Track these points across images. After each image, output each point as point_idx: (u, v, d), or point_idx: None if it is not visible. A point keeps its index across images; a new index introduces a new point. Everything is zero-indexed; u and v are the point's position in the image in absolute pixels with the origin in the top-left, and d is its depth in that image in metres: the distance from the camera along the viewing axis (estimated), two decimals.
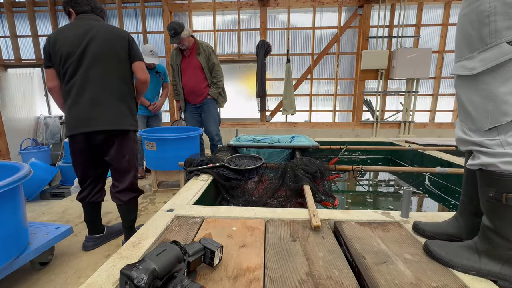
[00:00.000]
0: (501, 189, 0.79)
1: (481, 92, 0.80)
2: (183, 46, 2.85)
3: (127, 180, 1.67)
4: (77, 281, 1.40)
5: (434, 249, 0.96)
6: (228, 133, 4.96)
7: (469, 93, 0.84)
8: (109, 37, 1.53)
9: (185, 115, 3.25)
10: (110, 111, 1.54)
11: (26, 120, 5.20)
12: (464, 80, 0.84)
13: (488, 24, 0.76)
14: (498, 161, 0.78)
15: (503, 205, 0.79)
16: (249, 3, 4.78)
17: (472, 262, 0.88)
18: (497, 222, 0.83)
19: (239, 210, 1.39)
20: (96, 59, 1.50)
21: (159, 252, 0.74)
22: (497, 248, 0.84)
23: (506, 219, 0.81)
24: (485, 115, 0.80)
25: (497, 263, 0.84)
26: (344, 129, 5.10)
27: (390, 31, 4.70)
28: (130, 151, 1.65)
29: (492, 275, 0.85)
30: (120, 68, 1.57)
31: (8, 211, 1.22)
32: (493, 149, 0.80)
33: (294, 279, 0.86)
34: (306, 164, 1.99)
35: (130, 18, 5.13)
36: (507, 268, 0.83)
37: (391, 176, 3.10)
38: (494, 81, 0.78)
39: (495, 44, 0.76)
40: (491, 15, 0.75)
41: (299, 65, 5.05)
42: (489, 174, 0.82)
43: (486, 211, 0.86)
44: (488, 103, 0.79)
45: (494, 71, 0.77)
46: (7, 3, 5.07)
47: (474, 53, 0.81)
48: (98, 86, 1.52)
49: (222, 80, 3.12)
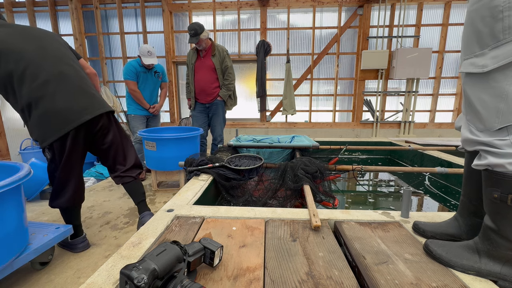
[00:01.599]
0: (507, 190, 0.78)
1: (492, 91, 0.78)
2: (200, 46, 2.96)
3: (132, 156, 1.72)
4: (77, 281, 1.40)
5: (434, 249, 0.96)
6: (228, 133, 4.96)
7: (478, 91, 0.81)
8: None
9: (193, 113, 3.31)
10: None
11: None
12: (474, 78, 0.82)
13: (502, 20, 0.73)
14: (506, 162, 0.77)
15: (507, 206, 0.79)
16: (249, 3, 4.78)
17: (472, 262, 0.87)
18: (500, 223, 0.82)
19: (239, 210, 1.39)
20: (49, 51, 1.57)
21: (159, 252, 0.74)
22: (498, 248, 0.84)
23: (510, 220, 0.80)
24: (495, 114, 0.78)
25: (497, 263, 0.84)
26: (344, 129, 5.10)
27: (390, 31, 4.70)
28: (122, 131, 1.71)
29: (492, 275, 0.85)
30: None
31: (8, 211, 1.22)
32: (502, 150, 0.78)
33: (294, 279, 0.86)
34: (306, 164, 1.99)
35: (130, 18, 5.13)
36: (507, 268, 0.83)
37: (391, 176, 3.10)
38: (507, 79, 0.75)
39: (509, 41, 0.73)
40: (505, 10, 0.72)
41: (299, 65, 5.05)
42: (495, 174, 0.81)
43: (490, 211, 0.85)
44: (499, 102, 0.77)
45: (507, 69, 0.75)
46: (7, 3, 5.07)
47: (485, 50, 0.78)
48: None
49: (234, 83, 3.19)
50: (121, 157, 1.70)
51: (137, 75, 2.99)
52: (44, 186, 3.40)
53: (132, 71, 2.95)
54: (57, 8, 5.12)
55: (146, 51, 2.93)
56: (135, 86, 2.99)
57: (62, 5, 5.08)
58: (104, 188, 2.85)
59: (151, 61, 2.95)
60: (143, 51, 2.93)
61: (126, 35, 5.14)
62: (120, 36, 5.08)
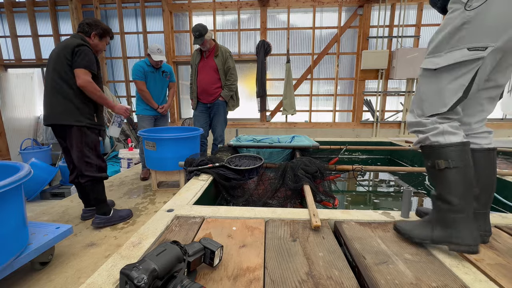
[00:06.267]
0: (435, 157, 0.98)
1: (435, 85, 0.98)
2: (204, 47, 2.99)
3: (80, 166, 1.91)
4: (77, 281, 1.40)
5: (400, 225, 1.13)
6: (228, 133, 4.95)
7: (427, 85, 1.00)
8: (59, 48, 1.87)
9: (194, 113, 3.32)
10: (54, 108, 1.86)
11: (26, 120, 5.20)
12: (427, 74, 1.00)
13: (461, 30, 0.91)
14: (429, 134, 0.98)
15: (437, 170, 0.98)
16: (249, 3, 4.78)
17: (428, 232, 1.03)
18: (437, 187, 1.00)
19: (239, 210, 1.39)
20: (48, 65, 1.88)
21: (159, 252, 0.74)
22: (441, 212, 0.99)
23: (441, 181, 0.98)
24: (430, 103, 0.99)
25: (445, 229, 0.98)
26: (344, 129, 5.10)
27: (390, 31, 4.70)
28: (79, 143, 1.90)
29: (443, 242, 0.98)
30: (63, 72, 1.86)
31: (8, 211, 1.22)
32: (426, 126, 1.00)
33: (294, 279, 0.86)
34: (306, 164, 1.99)
35: (130, 18, 5.13)
36: (452, 231, 0.96)
37: (391, 176, 3.10)
38: (446, 78, 0.95)
39: (459, 48, 0.91)
40: (467, 23, 0.89)
41: (299, 65, 5.05)
42: (426, 148, 1.01)
43: (430, 180, 1.01)
44: (436, 95, 0.97)
45: (450, 70, 0.94)
46: (7, 3, 5.07)
47: (442, 53, 0.95)
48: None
49: (236, 84, 3.21)
50: (75, 163, 1.95)
51: (145, 75, 3.01)
52: (44, 186, 3.40)
53: (140, 71, 2.98)
54: (57, 8, 5.13)
55: (156, 48, 2.96)
56: (143, 85, 3.01)
57: (62, 5, 5.08)
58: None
59: (160, 58, 2.97)
60: (152, 48, 2.96)
61: (126, 35, 5.14)
62: (120, 36, 5.08)
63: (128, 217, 2.13)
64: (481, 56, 0.88)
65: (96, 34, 1.98)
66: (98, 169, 1.97)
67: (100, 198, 1.99)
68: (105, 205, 2.01)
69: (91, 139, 1.94)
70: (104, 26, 2.02)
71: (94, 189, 1.95)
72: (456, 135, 0.95)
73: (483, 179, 1.02)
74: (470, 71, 0.91)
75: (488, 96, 1.02)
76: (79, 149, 1.89)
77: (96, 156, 1.97)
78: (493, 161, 1.04)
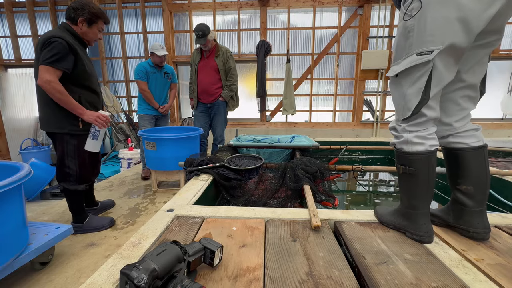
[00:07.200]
0: (399, 162, 1.09)
1: (399, 92, 1.05)
2: (206, 47, 2.99)
3: (57, 173, 1.84)
4: (77, 281, 1.40)
5: (377, 209, 1.30)
6: (228, 133, 4.95)
7: (394, 92, 1.09)
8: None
9: (195, 113, 3.34)
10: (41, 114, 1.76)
11: (26, 120, 5.20)
12: (392, 81, 1.08)
13: (409, 38, 0.97)
14: (397, 141, 1.09)
15: (399, 174, 1.10)
16: (249, 3, 4.78)
17: (393, 219, 1.18)
18: (399, 185, 1.14)
19: (239, 210, 1.39)
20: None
21: (159, 252, 0.74)
22: (402, 206, 1.14)
23: (401, 183, 1.12)
24: (400, 109, 1.06)
25: (404, 219, 1.13)
26: (344, 129, 5.09)
27: (390, 31, 4.70)
28: (60, 151, 1.81)
29: (402, 229, 1.13)
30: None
31: (8, 211, 1.22)
32: (398, 133, 1.09)
33: (294, 279, 0.86)
34: (306, 164, 1.99)
35: (130, 18, 5.13)
36: (409, 223, 1.10)
37: (391, 176, 3.10)
38: (406, 83, 1.01)
39: (410, 54, 0.97)
40: (411, 31, 0.96)
41: (299, 65, 5.05)
42: (396, 151, 1.11)
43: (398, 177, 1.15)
44: (401, 100, 1.04)
45: (407, 75, 1.00)
46: (7, 3, 5.07)
47: (400, 60, 1.02)
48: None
49: (236, 84, 3.22)
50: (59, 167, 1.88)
51: (147, 75, 3.04)
52: (44, 186, 3.40)
53: (142, 71, 3.02)
54: (57, 8, 5.12)
55: (158, 45, 3.02)
56: (145, 85, 3.06)
57: (62, 5, 5.08)
58: (104, 188, 2.85)
59: (164, 52, 3.02)
60: (155, 46, 3.01)
61: (126, 35, 5.14)
62: (120, 36, 5.08)
63: (109, 225, 1.98)
64: (428, 60, 0.92)
65: (84, 20, 1.69)
66: (77, 179, 1.83)
67: (71, 207, 1.89)
68: (77, 214, 1.89)
69: (72, 147, 1.78)
70: (93, 10, 1.72)
71: (67, 198, 1.86)
72: (420, 145, 1.02)
73: (476, 178, 1.05)
74: (423, 74, 0.96)
75: (464, 95, 1.06)
76: (59, 157, 1.80)
77: (79, 165, 1.82)
78: (484, 158, 1.05)
